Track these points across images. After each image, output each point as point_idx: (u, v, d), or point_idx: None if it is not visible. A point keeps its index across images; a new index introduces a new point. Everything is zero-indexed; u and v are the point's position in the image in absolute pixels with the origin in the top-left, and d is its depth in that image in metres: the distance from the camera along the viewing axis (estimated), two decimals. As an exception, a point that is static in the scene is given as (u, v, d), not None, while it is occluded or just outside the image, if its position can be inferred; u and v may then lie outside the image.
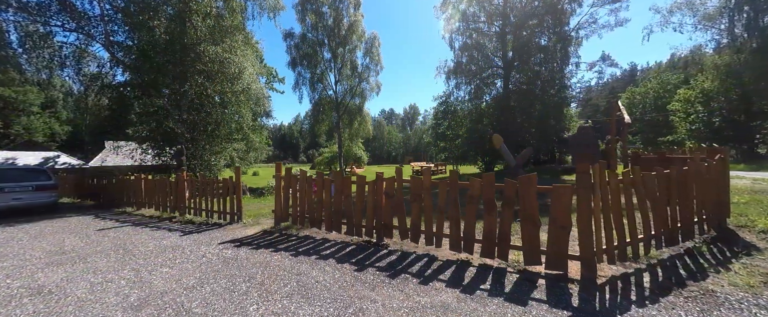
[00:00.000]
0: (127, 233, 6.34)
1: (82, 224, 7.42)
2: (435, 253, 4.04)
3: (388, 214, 4.47)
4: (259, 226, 6.51)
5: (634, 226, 3.33)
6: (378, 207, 4.55)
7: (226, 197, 7.10)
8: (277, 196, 6.14)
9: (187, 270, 3.92)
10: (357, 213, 4.81)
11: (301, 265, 3.90)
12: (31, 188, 9.01)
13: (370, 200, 4.63)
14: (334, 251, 4.44)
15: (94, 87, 11.92)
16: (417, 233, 4.16)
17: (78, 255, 4.84)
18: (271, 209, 8.76)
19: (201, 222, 7.22)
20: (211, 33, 12.21)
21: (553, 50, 18.22)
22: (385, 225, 4.48)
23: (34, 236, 6.24)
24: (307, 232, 5.64)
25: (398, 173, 4.37)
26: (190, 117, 12.43)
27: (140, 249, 5.09)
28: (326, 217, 5.24)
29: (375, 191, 4.57)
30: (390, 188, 4.42)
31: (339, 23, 24.74)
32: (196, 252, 4.73)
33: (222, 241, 5.38)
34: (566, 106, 21.11)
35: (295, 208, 5.80)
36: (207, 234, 5.97)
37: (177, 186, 8.09)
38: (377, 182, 4.55)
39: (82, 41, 11.36)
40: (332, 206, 5.17)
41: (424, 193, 4.04)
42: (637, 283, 2.93)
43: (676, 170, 3.64)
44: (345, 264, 3.87)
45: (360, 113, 28.31)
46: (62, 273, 4.01)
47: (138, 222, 7.51)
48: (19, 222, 7.78)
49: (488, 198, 3.48)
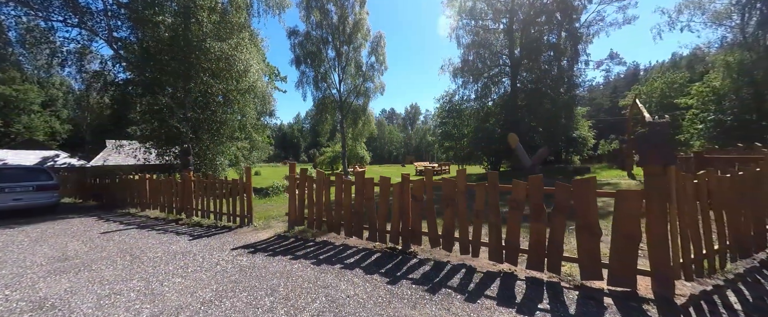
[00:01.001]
0: (132, 236, 6.03)
1: (84, 227, 7.10)
2: (471, 263, 3.70)
3: (417, 219, 4.13)
4: (272, 230, 6.19)
5: (707, 236, 2.99)
6: (404, 211, 4.22)
7: (236, 198, 6.78)
8: (291, 198, 5.82)
9: (201, 281, 3.60)
10: (380, 217, 4.48)
11: (326, 276, 3.57)
12: (32, 188, 8.70)
13: (395, 204, 4.30)
14: (358, 259, 4.11)
15: (96, 85, 11.57)
16: (450, 240, 3.83)
17: (82, 261, 4.52)
18: (279, 210, 8.49)
19: (209, 225, 6.91)
20: (217, 30, 11.86)
21: (563, 47, 17.86)
22: (412, 231, 4.15)
23: (35, 240, 5.92)
24: (325, 237, 5.31)
25: (428, 174, 4.04)
26: (194, 115, 12.09)
27: (148, 254, 4.77)
28: (346, 221, 4.91)
29: (401, 193, 4.24)
30: (418, 191, 4.09)
31: (344, 21, 24.35)
32: (209, 259, 4.40)
33: (235, 246, 5.06)
34: (576, 105, 20.77)
35: (311, 211, 5.48)
36: (217, 238, 5.65)
37: (184, 187, 7.77)
38: (403, 184, 4.23)
39: (85, 37, 11.03)
40: (353, 210, 4.85)
41: (458, 196, 3.70)
42: (725, 304, 2.58)
43: (751, 173, 3.30)
44: (374, 274, 3.54)
45: (364, 112, 27.93)
46: (66, 282, 3.69)
47: (143, 225, 7.20)
48: (19, 224, 7.46)
49: (536, 203, 3.15)
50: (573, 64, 18.45)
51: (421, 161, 68.02)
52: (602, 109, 70.08)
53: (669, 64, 67.85)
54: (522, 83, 20.17)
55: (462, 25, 21.49)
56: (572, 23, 17.92)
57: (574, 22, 18.06)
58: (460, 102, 22.65)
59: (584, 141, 22.95)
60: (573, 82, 18.73)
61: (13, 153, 22.54)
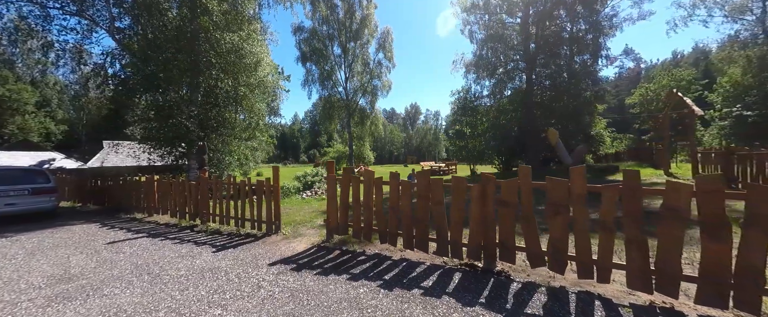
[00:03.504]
0: (144, 247, 5.20)
1: (87, 235, 6.27)
2: (600, 291, 2.86)
3: (508, 230, 3.34)
4: (305, 239, 5.39)
5: None
6: (488, 220, 3.44)
7: (262, 202, 5.97)
8: (330, 202, 5.02)
9: (246, 312, 2.80)
10: (454, 227, 3.69)
11: (411, 307, 2.77)
12: (28, 191, 7.83)
13: (475, 210, 3.51)
14: (436, 281, 3.31)
15: (96, 79, 10.68)
16: (562, 259, 3.04)
17: (90, 282, 3.70)
18: (302, 215, 7.67)
19: (230, 232, 6.10)
20: (226, 21, 11.02)
21: (586, 41, 17.12)
22: (502, 245, 3.37)
23: (31, 253, 5.09)
24: (375, 249, 4.52)
25: (524, 173, 3.23)
26: (203, 112, 11.24)
27: (170, 272, 3.96)
28: (405, 230, 4.12)
29: (482, 197, 3.45)
30: (511, 195, 3.30)
31: (351, 16, 23.54)
32: (247, 280, 3.60)
33: (272, 261, 4.25)
34: (601, 101, 20.04)
35: (357, 217, 4.68)
36: (246, 250, 4.85)
37: (199, 189, 6.94)
38: (486, 185, 3.43)
39: (84, 27, 10.14)
40: (413, 216, 4.06)
41: (576, 203, 2.90)
42: None
43: None
44: (474, 307, 2.73)
45: (372, 111, 27.13)
46: (71, 314, 2.88)
47: (154, 232, 6.37)
48: (13, 233, 6.60)
49: (713, 214, 2.36)
50: (596, 59, 17.73)
51: (422, 161, 67.28)
52: (609, 107, 69.51)
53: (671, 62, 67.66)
54: (538, 78, 19.44)
55: (475, 19, 20.77)
56: (597, 15, 17.17)
57: (597, 14, 17.31)
58: (473, 99, 21.90)
59: (600, 139, 22.28)
60: (596, 77, 18.01)
61: (7, 155, 21.53)
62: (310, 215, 7.65)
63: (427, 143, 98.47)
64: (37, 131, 40.52)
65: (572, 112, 17.81)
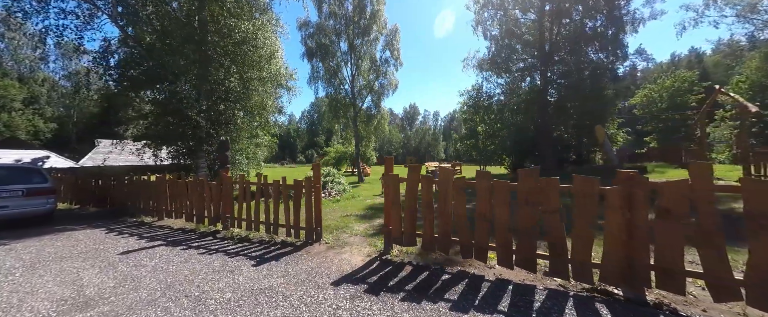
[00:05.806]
0: (167, 259, 4.39)
1: (94, 243, 5.42)
2: None
3: (670, 248, 2.61)
4: (355, 249, 4.63)
5: None
6: (634, 235, 2.70)
7: (300, 205, 5.19)
8: (387, 206, 4.26)
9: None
10: (580, 243, 2.94)
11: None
12: (22, 192, 6.90)
13: (613, 223, 2.78)
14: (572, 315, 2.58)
15: (98, 68, 9.73)
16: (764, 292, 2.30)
17: (113, 309, 2.91)
18: (334, 219, 6.90)
19: (261, 240, 5.30)
20: (240, 5, 10.19)
21: (607, 37, 16.59)
22: (662, 268, 2.62)
23: (31, 266, 4.25)
24: (458, 266, 3.77)
25: (700, 170, 2.50)
26: (214, 107, 10.37)
27: (212, 294, 3.17)
28: (500, 244, 3.39)
29: (626, 204, 2.71)
30: (676, 203, 2.56)
31: (360, 11, 22.72)
32: (314, 306, 2.84)
33: (333, 280, 3.48)
34: (624, 99, 19.56)
35: (429, 226, 3.92)
36: (293, 264, 4.07)
37: (222, 190, 6.13)
38: (634, 187, 2.69)
39: (85, 11, 9.21)
40: (509, 227, 3.33)
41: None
42: None
43: None
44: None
45: (378, 110, 26.31)
46: (101, 364, 2.10)
47: (171, 239, 5.54)
48: (6, 240, 5.69)
49: None
50: (617, 57, 17.23)
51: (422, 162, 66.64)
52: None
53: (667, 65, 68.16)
54: (555, 76, 18.91)
55: (489, 16, 20.17)
56: (618, 10, 16.62)
57: (619, 9, 16.77)
58: (486, 97, 21.30)
59: (613, 139, 21.87)
60: (616, 75, 17.51)
61: (-4, 152, 20.22)
62: (340, 220, 6.89)
63: (425, 144, 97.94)
64: (25, 128, 38.94)
65: (591, 111, 17.29)
